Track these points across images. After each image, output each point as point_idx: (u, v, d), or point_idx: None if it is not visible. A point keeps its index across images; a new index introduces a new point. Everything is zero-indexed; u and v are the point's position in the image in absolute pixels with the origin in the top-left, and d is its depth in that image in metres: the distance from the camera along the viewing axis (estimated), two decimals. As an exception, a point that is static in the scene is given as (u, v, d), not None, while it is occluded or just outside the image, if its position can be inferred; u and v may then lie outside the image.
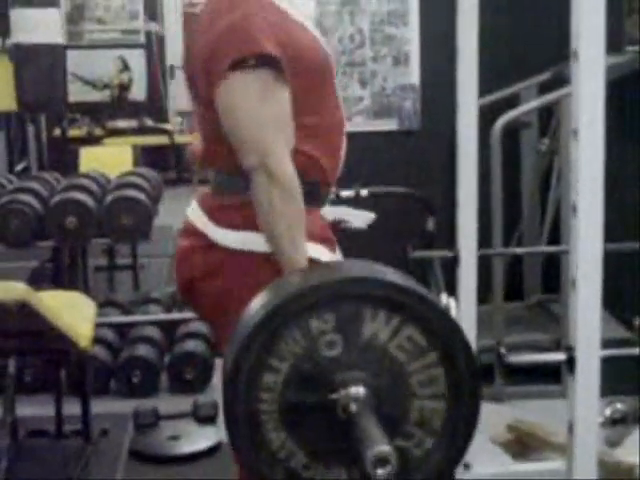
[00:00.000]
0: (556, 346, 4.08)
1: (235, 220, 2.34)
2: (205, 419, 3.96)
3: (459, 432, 1.84)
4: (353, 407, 1.74)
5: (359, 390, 1.76)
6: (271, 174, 2.20)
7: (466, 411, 1.83)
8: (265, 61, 2.23)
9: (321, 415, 1.79)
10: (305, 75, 2.31)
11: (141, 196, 4.84)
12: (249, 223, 2.29)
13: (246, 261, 2.32)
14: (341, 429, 1.76)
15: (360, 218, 2.79)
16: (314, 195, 2.37)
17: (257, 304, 1.84)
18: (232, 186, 2.36)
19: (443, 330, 1.81)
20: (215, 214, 2.38)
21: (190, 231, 2.43)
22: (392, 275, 1.86)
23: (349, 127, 2.53)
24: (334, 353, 1.79)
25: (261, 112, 2.23)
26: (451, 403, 1.83)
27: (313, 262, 2.27)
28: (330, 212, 2.55)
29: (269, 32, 2.25)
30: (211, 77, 2.27)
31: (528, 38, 4.96)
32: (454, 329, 1.82)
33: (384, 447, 1.63)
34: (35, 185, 5.07)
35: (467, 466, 3.32)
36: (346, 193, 3.80)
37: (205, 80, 2.31)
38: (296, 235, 2.24)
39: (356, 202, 3.66)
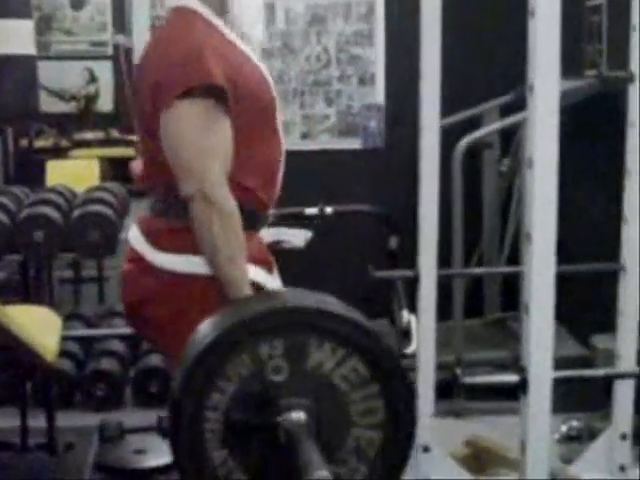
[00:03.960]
0: (515, 363, 4.14)
1: (178, 244, 2.39)
2: (170, 433, 3.98)
3: (393, 462, 1.93)
4: (294, 431, 1.81)
5: (300, 415, 1.83)
6: (208, 200, 2.26)
7: (401, 443, 1.93)
8: (212, 92, 2.30)
9: (263, 437, 1.86)
10: (249, 108, 2.38)
11: (108, 211, 4.86)
12: (192, 246, 2.34)
13: (191, 284, 2.38)
14: (282, 452, 1.82)
15: (298, 237, 2.87)
16: (251, 222, 2.44)
17: (207, 327, 1.91)
18: (173, 211, 2.41)
19: (386, 364, 1.90)
20: (157, 238, 2.43)
21: (132, 256, 2.49)
22: (339, 307, 1.94)
23: (315, 145, 2.57)
24: (280, 378, 1.86)
25: (202, 141, 2.30)
26: (387, 434, 1.92)
27: (253, 285, 2.33)
28: (268, 233, 2.62)
29: (218, 63, 2.31)
30: (158, 104, 2.33)
31: (491, 60, 5.06)
32: (396, 364, 1.92)
33: (323, 472, 1.69)
34: (3, 200, 5.09)
35: (425, 481, 3.38)
36: (310, 211, 3.85)
37: (152, 107, 2.36)
38: (237, 258, 2.31)
39: (320, 220, 3.72)
